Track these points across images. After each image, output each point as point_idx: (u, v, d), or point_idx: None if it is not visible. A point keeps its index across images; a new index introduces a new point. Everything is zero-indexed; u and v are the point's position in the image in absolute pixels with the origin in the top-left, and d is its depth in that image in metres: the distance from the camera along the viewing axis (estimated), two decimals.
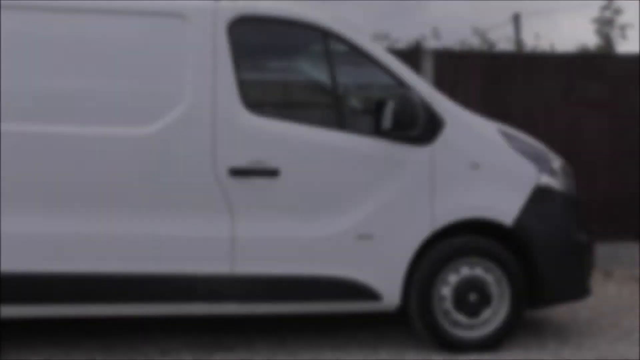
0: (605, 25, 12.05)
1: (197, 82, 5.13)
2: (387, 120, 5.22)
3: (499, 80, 9.03)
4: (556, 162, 5.79)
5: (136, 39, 5.17)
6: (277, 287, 5.22)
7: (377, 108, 5.39)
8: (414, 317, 5.46)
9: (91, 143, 5.03)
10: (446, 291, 5.40)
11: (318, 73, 5.65)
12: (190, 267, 5.10)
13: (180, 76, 5.13)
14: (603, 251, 8.55)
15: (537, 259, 5.46)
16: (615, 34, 12.00)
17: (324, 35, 5.36)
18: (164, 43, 5.18)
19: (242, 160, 5.12)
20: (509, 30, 19.12)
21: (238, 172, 5.11)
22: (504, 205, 5.44)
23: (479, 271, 5.44)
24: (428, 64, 8.80)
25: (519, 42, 14.54)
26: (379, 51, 5.47)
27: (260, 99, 5.60)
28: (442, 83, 8.47)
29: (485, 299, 5.43)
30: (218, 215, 5.12)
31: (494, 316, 5.48)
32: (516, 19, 19.31)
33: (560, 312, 6.71)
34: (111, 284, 5.05)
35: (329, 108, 5.55)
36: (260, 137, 5.16)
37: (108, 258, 5.04)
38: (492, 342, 5.47)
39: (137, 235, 5.06)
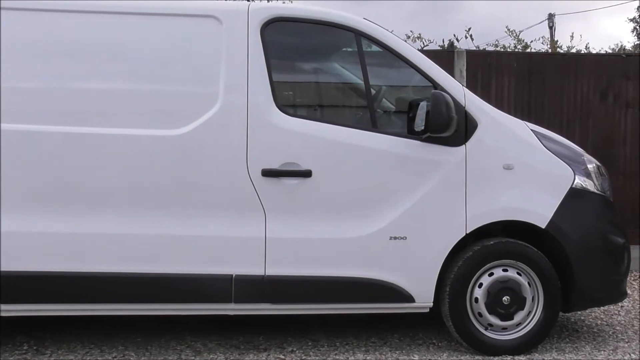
0: None
1: (230, 83, 5.14)
2: (420, 121, 5.19)
3: (532, 81, 8.95)
4: (591, 164, 5.72)
5: (170, 40, 5.20)
6: (309, 288, 5.22)
7: (410, 109, 5.37)
8: (446, 319, 5.43)
9: (126, 144, 5.07)
10: (479, 293, 5.37)
11: (351, 74, 5.65)
12: (223, 268, 5.12)
13: (214, 77, 5.15)
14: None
15: (571, 262, 5.40)
16: None
17: (357, 36, 5.34)
18: (198, 44, 5.20)
19: (275, 161, 5.12)
20: (544, 30, 19.01)
21: (271, 173, 5.12)
22: (538, 207, 5.39)
23: (512, 273, 5.40)
24: (461, 65, 8.74)
25: (553, 42, 14.42)
26: (411, 52, 5.45)
27: (293, 100, 5.62)
28: (476, 84, 8.43)
29: (518, 302, 5.38)
30: (251, 217, 5.13)
31: (528, 319, 5.44)
32: (551, 19, 19.16)
33: (596, 315, 6.64)
34: (145, 284, 5.09)
35: (361, 109, 5.56)
36: (293, 138, 5.16)
37: (142, 259, 5.08)
38: (526, 346, 5.43)
39: (170, 236, 5.09)
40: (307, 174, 5.15)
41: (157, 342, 5.64)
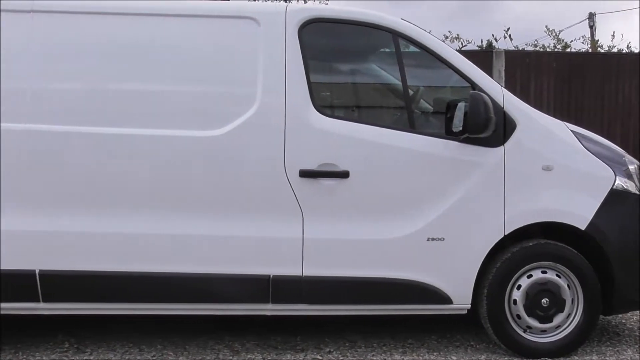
0: None
1: (269, 84, 5.16)
2: (458, 122, 5.16)
3: (572, 81, 8.87)
4: (632, 165, 5.64)
5: (208, 42, 5.23)
6: (347, 289, 5.22)
7: (448, 110, 5.35)
8: (484, 321, 5.40)
9: (165, 145, 5.11)
10: (518, 295, 5.33)
11: (388, 75, 5.64)
12: (260, 268, 5.14)
13: (252, 78, 5.17)
14: None
15: (612, 264, 5.33)
16: None
17: (395, 36, 5.32)
18: (236, 46, 5.23)
19: (312, 162, 5.13)
20: (584, 29, 18.81)
21: (309, 174, 5.12)
22: (578, 208, 5.33)
23: (551, 275, 5.35)
24: (500, 65, 8.70)
25: (594, 41, 14.26)
26: (449, 52, 5.42)
27: (331, 100, 5.62)
28: (514, 84, 8.37)
29: (558, 304, 5.33)
30: (288, 217, 5.14)
31: (568, 322, 5.38)
32: (591, 18, 18.94)
33: (638, 318, 6.55)
34: (183, 285, 5.13)
35: (399, 110, 5.54)
36: (330, 139, 5.16)
37: (180, 259, 5.13)
38: (565, 349, 5.38)
39: (208, 236, 5.13)
40: (344, 174, 5.15)
41: (195, 341, 5.68)
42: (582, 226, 5.30)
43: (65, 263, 5.05)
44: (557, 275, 5.36)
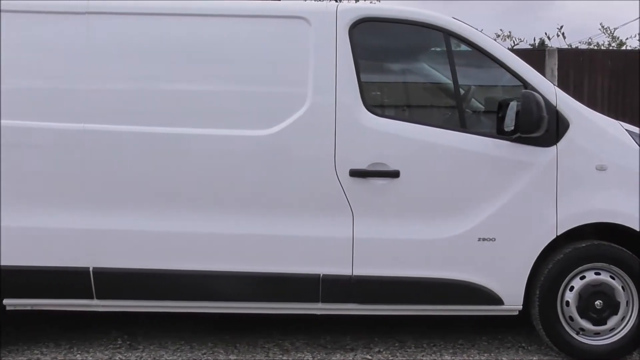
0: None
1: (319, 83, 5.17)
2: (510, 121, 5.11)
3: (628, 79, 8.72)
4: None
5: (260, 41, 5.25)
6: (396, 289, 5.21)
7: (500, 109, 5.30)
8: (536, 322, 5.34)
9: (215, 145, 5.16)
10: (570, 297, 5.26)
11: (439, 74, 5.60)
12: (310, 267, 5.16)
13: (302, 78, 5.19)
14: None
15: None
16: None
17: (446, 35, 5.29)
18: (286, 45, 5.25)
19: (363, 161, 5.13)
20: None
21: (359, 174, 5.12)
22: (633, 208, 5.24)
23: (605, 277, 5.27)
24: (552, 63, 8.59)
25: None
26: (501, 51, 5.37)
27: (381, 100, 5.60)
28: (567, 83, 8.26)
29: (612, 307, 5.25)
30: (338, 217, 5.15)
31: (622, 324, 5.29)
32: None
33: None
34: (234, 283, 5.18)
35: (450, 109, 5.51)
36: (381, 139, 5.15)
37: (230, 258, 5.17)
38: (620, 351, 5.29)
39: (258, 235, 5.16)
40: (394, 174, 5.14)
41: (245, 340, 5.72)
42: (637, 227, 5.21)
43: (119, 261, 5.14)
44: (611, 277, 5.27)
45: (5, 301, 5.25)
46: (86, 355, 5.37)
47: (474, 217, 5.19)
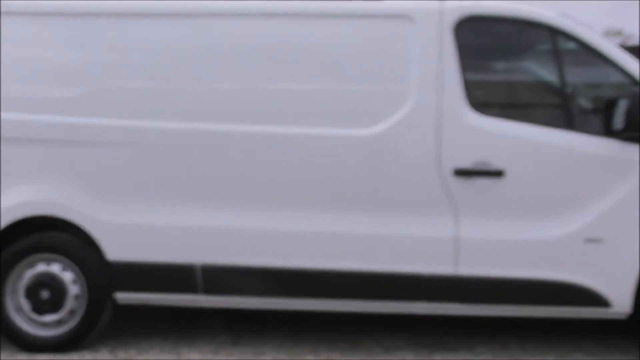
0: None
1: (423, 82, 5.16)
2: (618, 120, 5.00)
3: None
4: None
5: (362, 41, 5.28)
6: (500, 289, 5.15)
7: (608, 107, 5.17)
8: None
9: (319, 144, 5.21)
10: None
11: (545, 72, 5.51)
12: (413, 266, 5.15)
13: (406, 77, 5.19)
14: None
15: None
16: None
17: (552, 33, 5.22)
18: (390, 44, 5.25)
19: (467, 160, 5.10)
20: None
21: (463, 173, 5.09)
22: None
23: None
24: None
25: None
26: (610, 48, 5.25)
27: (486, 99, 5.54)
28: None
29: None
30: (442, 216, 5.13)
31: None
32: None
33: None
34: (336, 281, 5.21)
35: (556, 108, 5.42)
36: (485, 138, 5.11)
37: (333, 255, 5.21)
38: None
39: (361, 234, 5.18)
40: (499, 173, 5.09)
41: (346, 339, 5.74)
42: None
43: (226, 257, 5.23)
44: None
45: (118, 295, 5.40)
46: (191, 349, 5.49)
47: (580, 218, 5.09)
